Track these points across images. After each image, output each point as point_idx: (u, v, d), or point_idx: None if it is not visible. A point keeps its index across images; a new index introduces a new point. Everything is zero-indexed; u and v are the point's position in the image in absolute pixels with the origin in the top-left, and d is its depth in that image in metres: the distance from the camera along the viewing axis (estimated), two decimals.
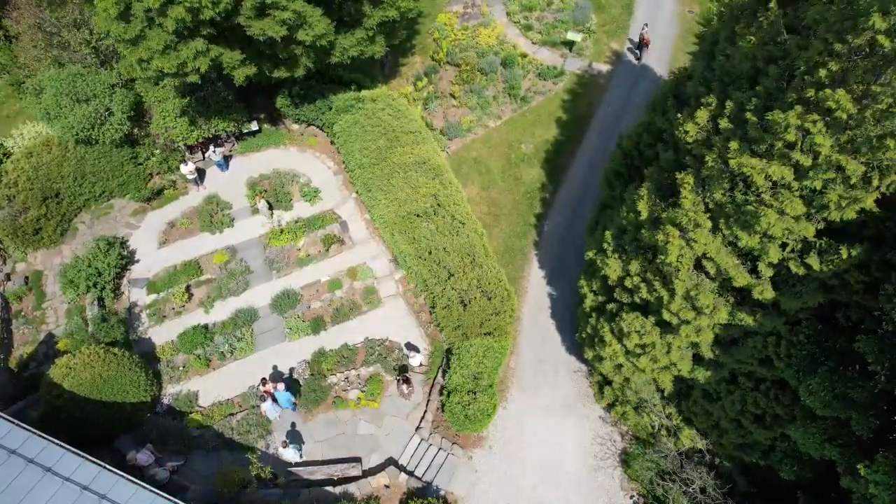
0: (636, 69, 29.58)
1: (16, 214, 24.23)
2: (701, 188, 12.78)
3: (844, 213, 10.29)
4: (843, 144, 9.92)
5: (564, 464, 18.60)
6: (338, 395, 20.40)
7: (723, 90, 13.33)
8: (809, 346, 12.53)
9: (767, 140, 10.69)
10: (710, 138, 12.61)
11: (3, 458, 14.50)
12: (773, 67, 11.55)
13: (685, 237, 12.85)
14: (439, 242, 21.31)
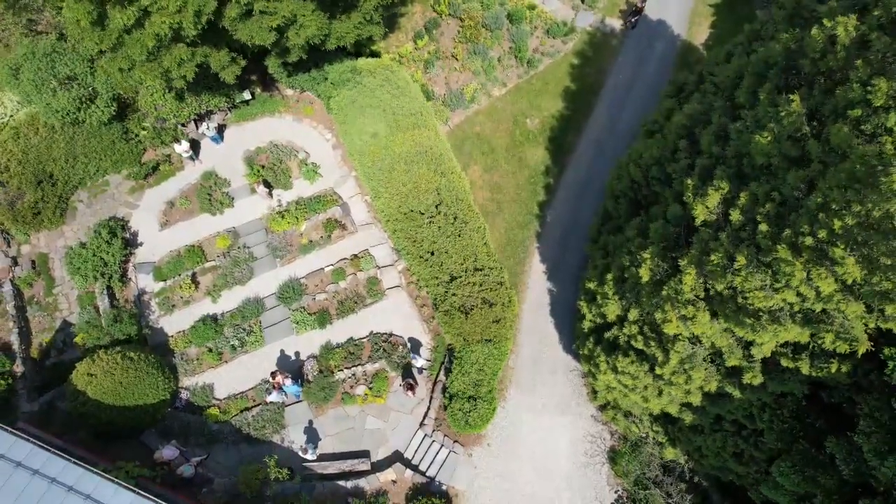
0: (652, 26, 27.76)
1: (13, 200, 24.07)
2: (703, 270, 12.92)
3: (838, 346, 10.64)
4: (845, 289, 10.05)
5: (557, 460, 20.37)
6: (346, 391, 21.73)
7: (738, 171, 12.96)
8: (791, 420, 13.41)
9: (770, 273, 10.75)
10: (718, 231, 12.53)
11: (28, 479, 15.96)
12: (792, 174, 11.23)
13: (683, 318, 13.23)
14: (441, 245, 21.51)
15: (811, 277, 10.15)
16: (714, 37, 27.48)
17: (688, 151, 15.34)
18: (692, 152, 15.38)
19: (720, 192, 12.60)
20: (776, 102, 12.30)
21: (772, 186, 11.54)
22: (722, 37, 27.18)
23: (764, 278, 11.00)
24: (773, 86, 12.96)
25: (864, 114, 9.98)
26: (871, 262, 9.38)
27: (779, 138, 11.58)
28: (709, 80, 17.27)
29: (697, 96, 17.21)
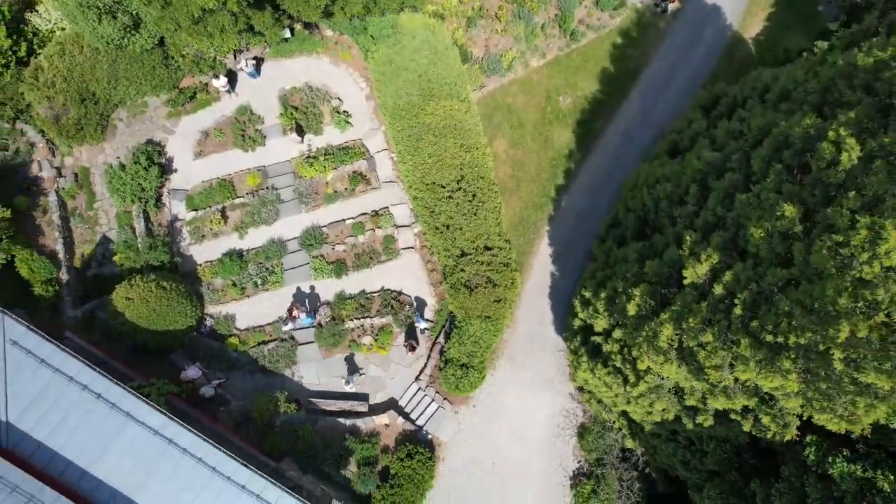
0: (706, 10, 27.10)
1: (58, 115, 25.43)
2: (681, 325, 14.58)
3: (771, 427, 12.55)
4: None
5: (533, 429, 23.17)
6: (353, 339, 24.23)
7: (733, 240, 14.18)
8: (731, 453, 15.65)
9: (731, 354, 12.40)
10: (702, 296, 14.01)
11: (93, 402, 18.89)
12: (772, 273, 12.53)
13: (655, 360, 15.07)
14: (457, 221, 22.99)
15: (761, 374, 11.81)
16: (767, 31, 26.87)
17: (696, 198, 16.36)
18: (701, 199, 16.41)
19: (710, 261, 13.91)
20: (780, 188, 13.27)
21: (755, 274, 12.85)
22: (775, 33, 26.60)
23: (725, 356, 12.66)
24: (784, 167, 13.82)
25: (844, 241, 11.10)
26: (809, 380, 10.98)
27: (771, 233, 12.72)
28: (736, 118, 17.80)
29: (723, 132, 17.83)
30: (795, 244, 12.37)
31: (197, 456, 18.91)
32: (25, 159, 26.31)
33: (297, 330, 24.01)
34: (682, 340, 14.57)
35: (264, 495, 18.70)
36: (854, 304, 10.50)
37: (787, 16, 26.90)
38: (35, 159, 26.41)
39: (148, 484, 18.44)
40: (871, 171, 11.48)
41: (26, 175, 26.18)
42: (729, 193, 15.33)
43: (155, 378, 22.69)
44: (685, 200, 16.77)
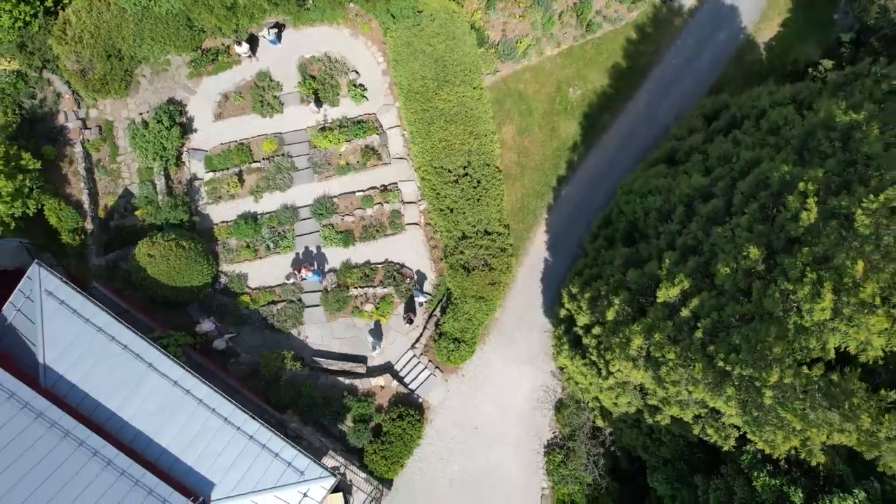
0: (722, 10, 27.61)
1: (84, 69, 26.47)
2: (649, 336, 16.44)
3: (713, 436, 14.60)
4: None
5: (515, 401, 25.50)
6: (356, 305, 26.22)
7: (706, 266, 15.83)
8: (683, 446, 17.88)
9: (688, 374, 14.31)
10: (671, 314, 15.79)
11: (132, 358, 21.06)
12: (731, 307, 14.24)
13: (624, 365, 17.03)
14: (460, 206, 24.52)
15: (709, 395, 13.72)
16: (780, 37, 27.45)
17: (681, 219, 17.85)
18: (685, 219, 17.91)
19: (681, 285, 15.58)
20: (752, 227, 14.81)
21: (717, 304, 14.56)
22: (788, 40, 27.23)
23: (683, 373, 14.56)
24: (760, 206, 15.27)
25: (793, 290, 12.71)
26: (746, 407, 12.88)
27: (735, 270, 14.33)
28: (731, 139, 19.05)
29: (716, 153, 19.11)
30: (756, 282, 14.03)
31: (211, 407, 21.23)
32: (52, 109, 27.50)
33: (303, 282, 25.78)
34: (649, 351, 16.46)
35: (270, 445, 21.12)
36: (790, 350, 12.25)
37: (801, 23, 27.39)
38: (61, 109, 27.62)
39: (166, 429, 20.84)
40: (826, 230, 12.98)
41: (53, 125, 27.46)
42: (710, 219, 16.83)
43: (172, 329, 24.88)
44: (671, 218, 18.26)
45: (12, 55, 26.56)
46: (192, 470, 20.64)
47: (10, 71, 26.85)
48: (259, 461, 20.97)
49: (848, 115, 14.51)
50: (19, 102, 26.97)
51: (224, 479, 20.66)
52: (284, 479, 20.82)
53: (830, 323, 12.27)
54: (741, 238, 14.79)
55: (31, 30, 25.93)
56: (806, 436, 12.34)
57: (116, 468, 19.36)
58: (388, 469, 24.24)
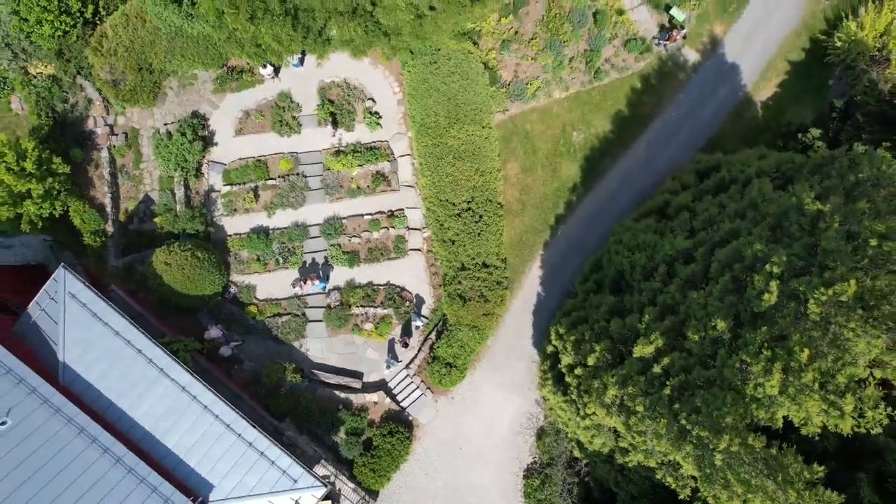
0: (725, 67, 29.14)
1: (116, 80, 28.09)
2: (624, 386, 18.04)
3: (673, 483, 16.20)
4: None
5: (499, 425, 27.12)
6: (357, 323, 27.83)
7: (680, 326, 17.41)
8: (648, 486, 19.49)
9: (653, 426, 15.91)
10: (645, 368, 17.37)
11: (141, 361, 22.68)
12: (696, 371, 15.83)
13: (599, 410, 18.63)
14: (462, 239, 26.12)
15: (670, 449, 15.30)
16: (777, 97, 28.98)
17: (663, 278, 19.42)
18: (667, 278, 19.48)
19: (655, 343, 17.16)
20: (723, 298, 16.38)
21: (686, 365, 16.14)
22: (784, 101, 28.77)
23: (650, 425, 16.14)
24: (732, 277, 16.84)
25: (751, 363, 14.26)
26: (700, 463, 14.44)
27: (704, 338, 15.89)
28: (717, 203, 20.61)
29: (702, 216, 20.67)
30: (721, 350, 15.61)
31: (215, 413, 22.87)
32: (83, 114, 29.12)
33: (307, 297, 27.46)
34: (623, 399, 18.05)
35: (267, 453, 22.75)
36: (743, 416, 13.81)
37: (798, 85, 28.90)
38: (91, 115, 29.24)
39: (172, 431, 22.48)
40: (784, 311, 14.54)
41: (82, 129, 29.08)
42: (689, 281, 18.41)
43: (182, 333, 26.52)
44: (654, 276, 19.83)
45: (50, 61, 28.15)
46: (193, 471, 22.27)
47: (46, 75, 28.47)
48: (256, 467, 22.59)
49: (815, 204, 16.04)
50: (52, 106, 28.60)
51: (223, 482, 22.29)
52: (279, 486, 22.44)
53: (779, 397, 13.82)
54: (713, 307, 16.36)
55: (69, 39, 27.52)
56: (746, 498, 13.90)
57: (125, 465, 20.99)
58: (375, 481, 25.88)
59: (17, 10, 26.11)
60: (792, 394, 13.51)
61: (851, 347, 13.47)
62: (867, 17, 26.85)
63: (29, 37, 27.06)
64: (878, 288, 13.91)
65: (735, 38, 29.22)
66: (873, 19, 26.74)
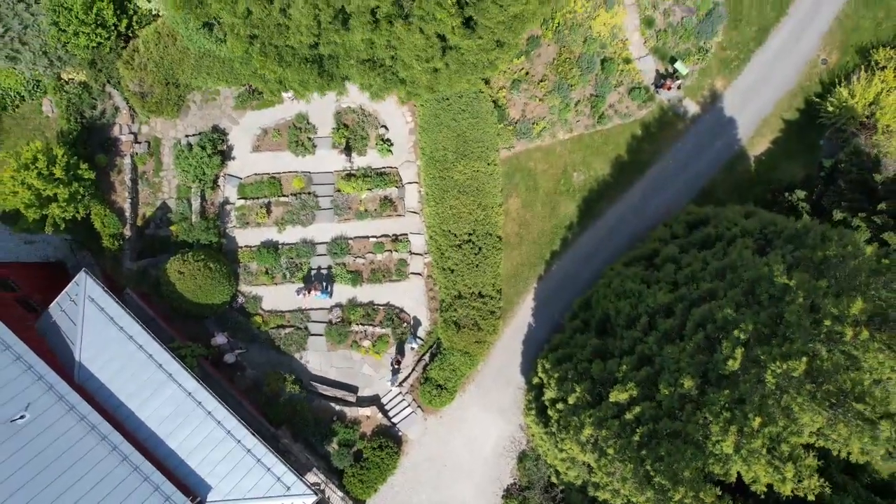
0: (723, 122, 30.73)
1: (144, 92, 29.70)
2: (599, 427, 19.62)
3: None
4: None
5: (483, 446, 28.73)
6: (355, 340, 29.43)
7: (655, 378, 19.01)
8: None
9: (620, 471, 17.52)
10: (620, 413, 18.97)
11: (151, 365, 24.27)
12: (665, 422, 17.43)
13: (575, 447, 20.23)
14: (461, 268, 27.73)
15: (634, 493, 16.89)
16: (769, 153, 30.57)
17: (644, 329, 21.01)
18: (647, 329, 21.07)
19: (630, 392, 18.75)
20: (694, 356, 17.98)
21: (655, 415, 17.73)
22: (776, 157, 30.39)
23: (619, 467, 17.73)
24: (705, 336, 18.44)
25: (713, 421, 15.84)
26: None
27: (674, 392, 17.48)
28: (701, 258, 22.20)
29: (686, 270, 22.27)
30: (688, 406, 17.21)
31: (217, 419, 24.46)
32: (109, 121, 30.73)
33: (311, 310, 29.11)
34: (597, 439, 19.66)
35: (264, 460, 24.34)
36: (701, 469, 15.39)
37: (790, 143, 30.48)
38: (117, 122, 30.86)
39: (176, 433, 24.07)
40: (746, 376, 16.13)
41: (108, 135, 30.69)
42: (666, 335, 20.01)
43: (189, 338, 28.13)
44: (636, 325, 21.43)
45: (82, 69, 29.74)
46: (193, 472, 23.86)
47: (77, 82, 30.09)
48: (252, 472, 24.18)
49: (783, 277, 17.62)
50: (81, 111, 30.22)
51: (220, 485, 23.88)
52: (272, 492, 24.04)
53: (734, 455, 15.40)
54: (684, 363, 17.96)
55: (102, 50, 29.12)
56: None
57: (131, 463, 22.60)
58: (363, 492, 27.50)
59: (57, 22, 27.64)
60: (744, 455, 15.09)
61: (798, 418, 15.05)
62: (858, 87, 28.44)
63: (65, 46, 28.63)
64: (826, 366, 15.49)
65: (734, 94, 30.80)
66: (864, 89, 28.33)
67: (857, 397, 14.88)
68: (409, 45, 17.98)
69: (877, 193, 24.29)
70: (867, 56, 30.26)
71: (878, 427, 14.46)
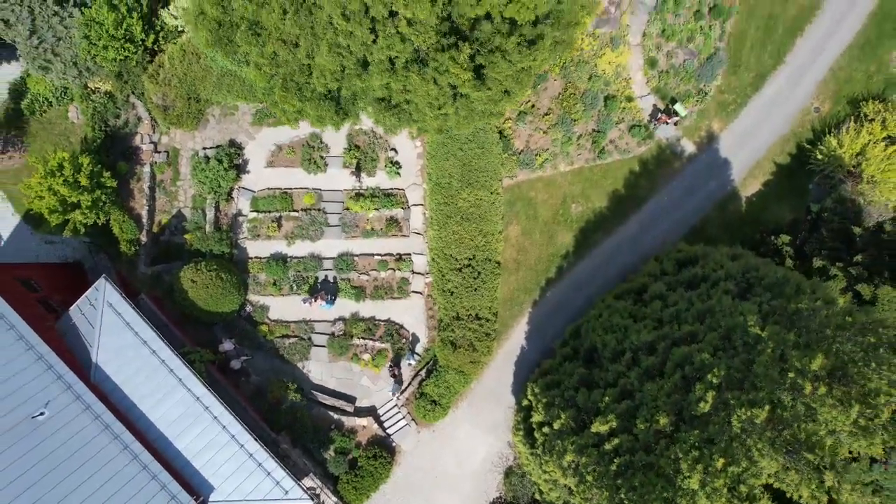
0: (717, 163, 32.30)
1: (166, 106, 31.25)
2: (580, 454, 21.20)
3: None
4: None
5: (472, 460, 30.32)
6: (356, 353, 31.01)
7: (633, 411, 20.59)
8: None
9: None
10: (600, 443, 20.55)
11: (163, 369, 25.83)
12: (640, 455, 19.01)
13: (556, 471, 21.81)
14: (460, 291, 29.30)
15: None
16: (760, 195, 32.15)
17: (627, 364, 22.59)
18: (631, 364, 22.65)
19: (609, 424, 20.32)
20: (670, 395, 19.56)
21: (631, 448, 19.31)
22: (766, 199, 31.98)
23: (595, 494, 19.31)
24: (682, 377, 20.02)
25: (683, 458, 17.38)
26: None
27: (649, 428, 19.07)
28: (686, 299, 23.77)
29: (671, 308, 23.85)
30: (662, 441, 18.77)
31: (223, 424, 26.03)
32: (132, 130, 32.30)
33: (316, 322, 30.67)
34: (578, 465, 21.25)
35: (265, 464, 25.91)
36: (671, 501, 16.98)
37: (781, 186, 32.06)
38: (139, 132, 32.42)
39: (183, 436, 25.63)
40: (715, 419, 17.70)
41: (129, 144, 32.25)
42: (647, 372, 21.59)
43: (198, 343, 29.69)
44: (620, 360, 23.00)
45: (109, 80, 31.29)
46: (198, 473, 25.43)
47: (103, 92, 31.64)
48: (253, 476, 25.76)
49: (756, 328, 19.19)
50: (106, 120, 31.80)
51: (223, 486, 25.46)
52: (271, 495, 25.62)
53: (699, 492, 16.95)
54: (661, 401, 19.53)
55: (129, 63, 30.65)
56: None
57: (140, 462, 24.16)
58: (355, 498, 29.09)
59: (88, 35, 29.17)
60: (708, 492, 16.65)
61: (758, 461, 16.59)
62: (847, 137, 30.01)
63: (94, 58, 30.16)
64: (786, 416, 17.03)
65: (730, 136, 32.37)
66: (852, 139, 29.91)
67: (809, 447, 16.45)
68: (423, 93, 19.52)
69: (855, 244, 25.85)
70: (858, 107, 31.81)
71: (824, 476, 16.04)
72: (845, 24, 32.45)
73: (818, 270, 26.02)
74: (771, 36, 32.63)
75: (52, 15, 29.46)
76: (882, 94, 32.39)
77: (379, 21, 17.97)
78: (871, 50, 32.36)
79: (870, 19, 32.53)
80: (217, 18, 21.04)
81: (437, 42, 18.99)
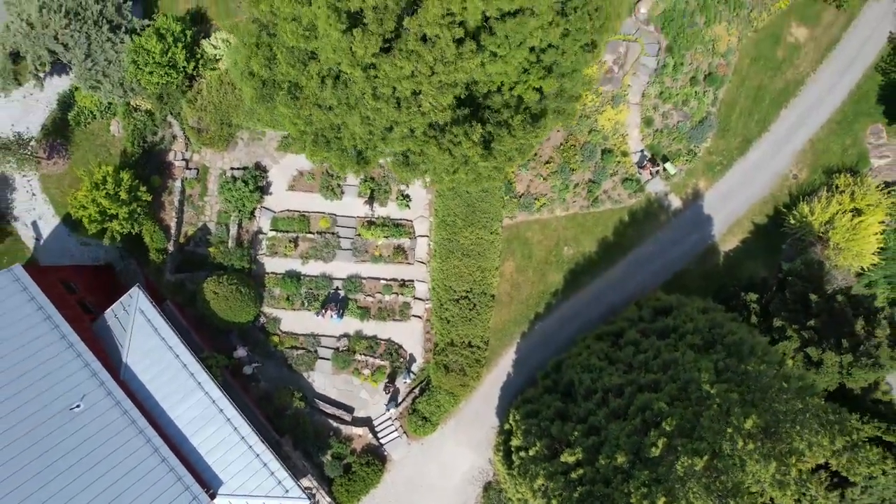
0: (701, 218, 35.58)
1: (201, 129, 34.49)
2: (550, 479, 24.48)
3: None
4: None
5: (455, 473, 33.63)
6: (357, 367, 34.29)
7: (599, 446, 23.90)
8: None
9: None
10: (570, 470, 23.83)
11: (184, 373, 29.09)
12: (617, 480, 22.31)
13: (528, 492, 25.10)
14: (455, 321, 32.58)
15: None
16: (737, 250, 35.44)
17: (598, 402, 25.87)
18: (602, 403, 25.94)
19: (576, 456, 23.59)
20: (630, 436, 22.82)
21: (592, 479, 22.58)
22: (742, 255, 35.26)
23: None
24: (643, 420, 23.30)
25: (634, 494, 20.61)
26: None
27: (609, 464, 22.35)
28: (654, 349, 27.06)
29: (642, 354, 27.14)
30: (618, 476, 22.06)
31: (235, 425, 29.28)
32: (166, 147, 35.51)
33: (322, 336, 33.93)
34: (547, 489, 24.54)
35: (269, 465, 29.18)
36: None
37: (756, 244, 35.36)
38: (173, 149, 35.63)
39: (198, 434, 28.88)
40: (664, 462, 20.96)
41: (163, 160, 35.48)
42: (614, 411, 24.88)
43: (215, 348, 32.95)
44: (592, 398, 26.30)
45: (150, 100, 34.50)
46: (209, 468, 28.67)
47: (144, 110, 34.85)
48: (258, 474, 29.01)
49: (707, 385, 22.47)
50: (144, 136, 35.00)
51: (230, 482, 28.71)
52: (273, 493, 28.88)
53: None
54: (622, 440, 22.82)
55: (170, 87, 33.87)
56: None
57: (160, 455, 27.42)
58: (347, 500, 32.39)
59: (136, 61, 32.38)
60: None
61: (693, 503, 19.84)
62: (818, 206, 33.29)
63: (139, 81, 33.37)
64: (720, 465, 20.29)
65: (714, 195, 35.65)
66: (822, 208, 33.19)
67: (735, 494, 19.69)
68: (439, 161, 22.75)
69: (811, 309, 29.10)
70: (832, 177, 35.10)
71: None
72: (827, 101, 35.75)
73: (777, 329, 29.26)
74: (758, 105, 35.90)
75: (106, 41, 32.71)
76: (855, 166, 35.67)
77: (403, 100, 21.16)
78: (848, 126, 35.65)
79: (849, 97, 35.81)
80: (263, 77, 24.22)
81: (453, 115, 22.21)
